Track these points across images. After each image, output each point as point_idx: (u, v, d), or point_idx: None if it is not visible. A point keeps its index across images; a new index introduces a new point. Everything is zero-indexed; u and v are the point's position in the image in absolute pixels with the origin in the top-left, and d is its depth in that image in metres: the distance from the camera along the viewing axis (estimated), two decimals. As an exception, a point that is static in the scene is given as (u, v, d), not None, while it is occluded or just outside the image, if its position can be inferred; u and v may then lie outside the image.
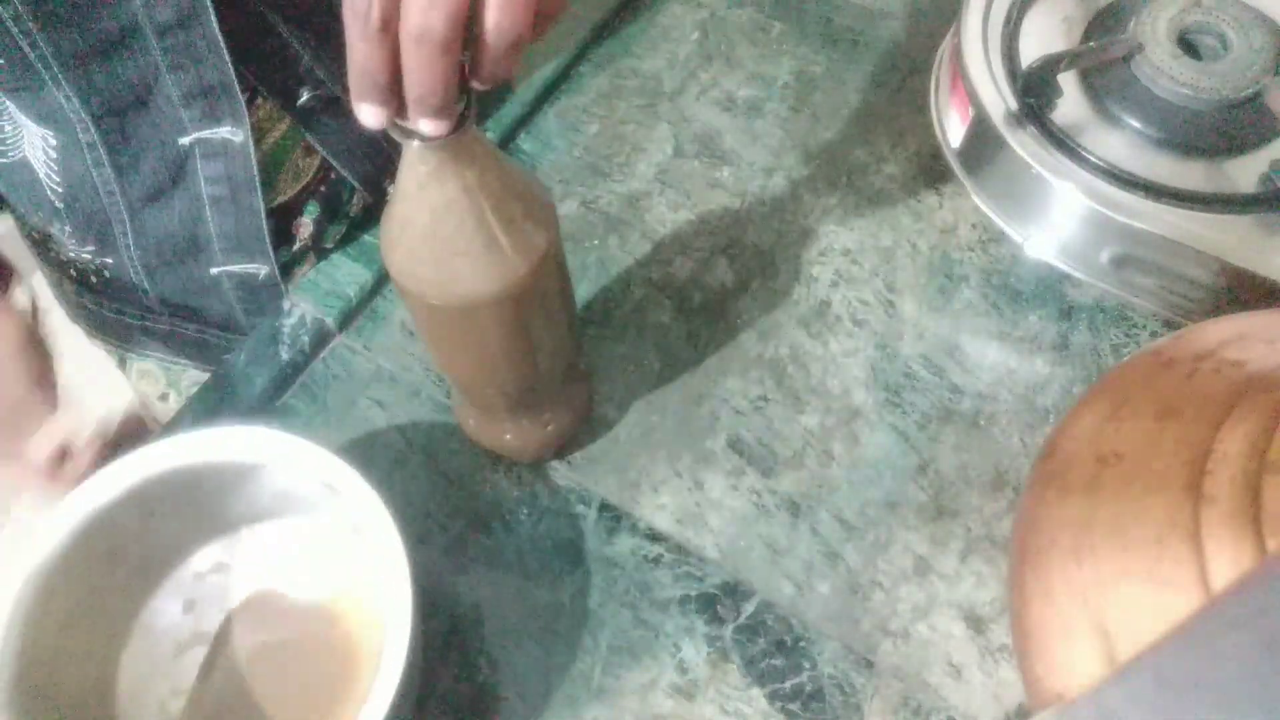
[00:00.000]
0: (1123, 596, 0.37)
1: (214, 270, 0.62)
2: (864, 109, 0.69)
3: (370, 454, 0.57)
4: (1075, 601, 0.38)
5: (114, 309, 0.68)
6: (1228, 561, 0.35)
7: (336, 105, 0.58)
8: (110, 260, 0.63)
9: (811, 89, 0.70)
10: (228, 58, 0.51)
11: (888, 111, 0.69)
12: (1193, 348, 0.44)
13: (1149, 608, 0.36)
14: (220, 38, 0.50)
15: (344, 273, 0.63)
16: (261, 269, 0.62)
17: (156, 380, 0.76)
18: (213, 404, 0.58)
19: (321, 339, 0.61)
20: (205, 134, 0.54)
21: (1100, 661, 0.37)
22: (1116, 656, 0.36)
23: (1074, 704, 0.31)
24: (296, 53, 0.55)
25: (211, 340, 0.68)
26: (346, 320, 0.61)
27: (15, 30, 0.47)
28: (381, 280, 0.63)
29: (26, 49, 0.48)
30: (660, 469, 0.56)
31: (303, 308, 0.61)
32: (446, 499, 0.56)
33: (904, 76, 0.71)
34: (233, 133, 0.54)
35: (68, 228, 0.61)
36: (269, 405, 0.59)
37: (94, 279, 0.65)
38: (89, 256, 0.63)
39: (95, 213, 0.59)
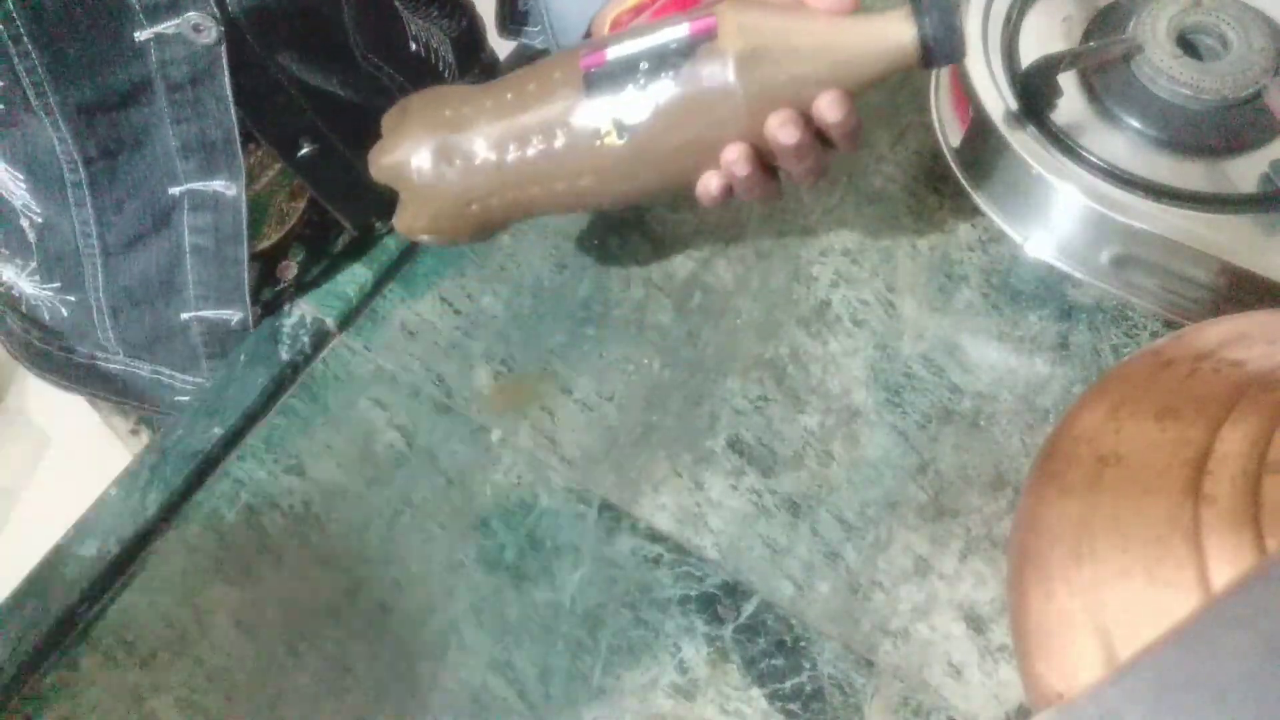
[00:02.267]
0: (1123, 596, 0.37)
1: (184, 316, 0.61)
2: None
3: (370, 454, 0.57)
4: (1075, 601, 0.38)
5: (63, 346, 0.67)
6: (1228, 561, 0.35)
7: (333, 154, 0.58)
8: (73, 299, 0.62)
9: (811, 89, 0.70)
10: (234, 116, 0.51)
11: (888, 111, 0.69)
12: (1193, 348, 0.44)
13: (1149, 608, 0.36)
14: (230, 96, 0.50)
15: (344, 273, 0.63)
16: (235, 315, 0.61)
17: (127, 415, 0.74)
18: (213, 404, 0.58)
19: (321, 339, 0.61)
20: (197, 186, 0.54)
21: (1100, 661, 0.37)
22: (1116, 656, 0.36)
23: (1074, 704, 0.31)
24: (300, 107, 0.55)
25: (165, 381, 0.67)
26: (346, 320, 0.61)
27: (27, 81, 0.46)
28: (382, 280, 0.63)
29: (32, 98, 0.47)
30: (660, 469, 0.56)
31: (303, 308, 0.61)
32: (446, 499, 0.56)
33: (904, 77, 0.70)
34: (226, 186, 0.54)
35: (32, 264, 0.60)
36: (269, 405, 0.59)
37: (47, 316, 0.64)
38: (50, 294, 0.62)
39: (67, 253, 0.58)
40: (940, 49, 0.42)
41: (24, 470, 1.47)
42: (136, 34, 0.47)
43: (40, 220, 0.56)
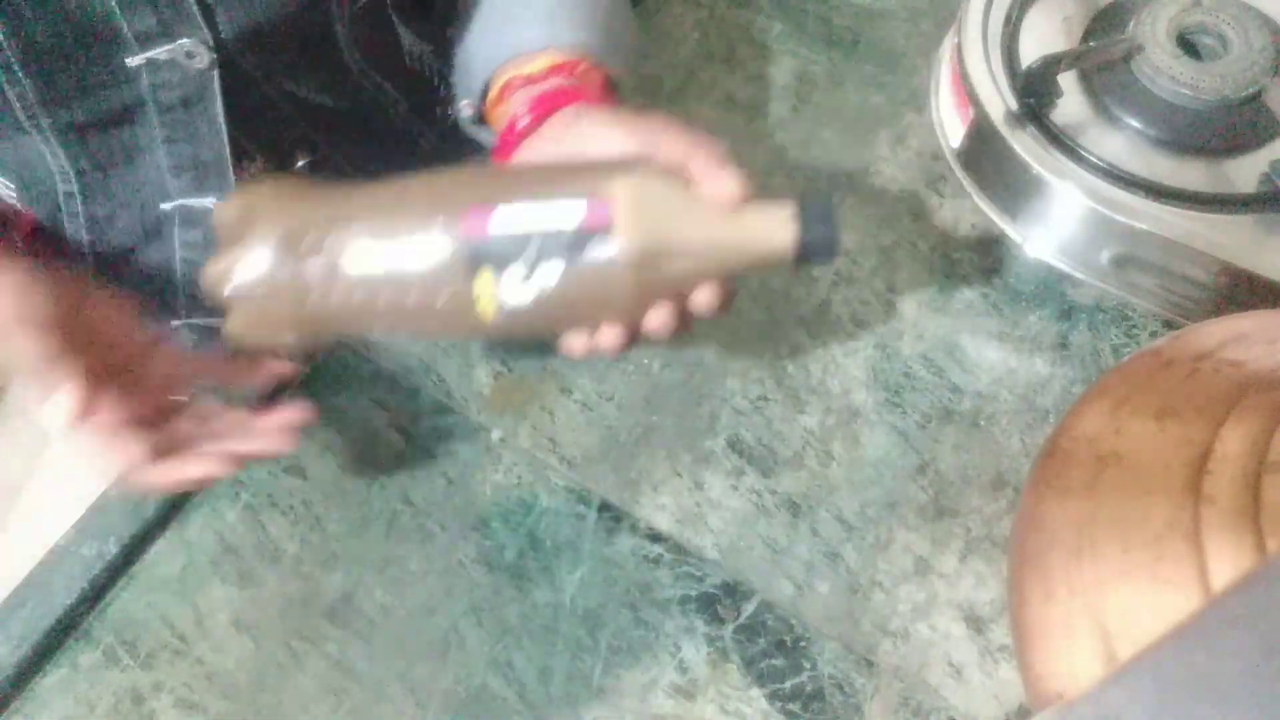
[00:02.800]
0: (1123, 596, 0.37)
1: (175, 324, 0.61)
2: (864, 109, 0.69)
3: (370, 454, 0.57)
4: (1075, 601, 0.38)
5: None
6: (1228, 561, 0.35)
7: (329, 165, 0.58)
8: None
9: (811, 89, 0.70)
10: (225, 139, 0.51)
11: (888, 111, 0.69)
12: (1193, 348, 0.44)
13: (1149, 608, 0.36)
14: (222, 120, 0.50)
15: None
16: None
17: None
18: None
19: (321, 339, 0.61)
20: (189, 202, 0.54)
21: (1100, 661, 0.37)
22: (1116, 656, 0.36)
23: (1074, 704, 0.31)
24: (294, 120, 0.55)
25: None
26: (346, 320, 0.61)
27: (17, 105, 0.46)
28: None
29: (23, 120, 0.47)
30: (660, 469, 0.56)
31: (303, 308, 0.61)
32: (446, 499, 0.56)
33: (904, 76, 0.71)
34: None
35: None
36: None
37: None
38: None
39: (56, 265, 0.58)
40: (816, 256, 0.44)
41: (24, 470, 1.47)
42: (128, 60, 0.47)
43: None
